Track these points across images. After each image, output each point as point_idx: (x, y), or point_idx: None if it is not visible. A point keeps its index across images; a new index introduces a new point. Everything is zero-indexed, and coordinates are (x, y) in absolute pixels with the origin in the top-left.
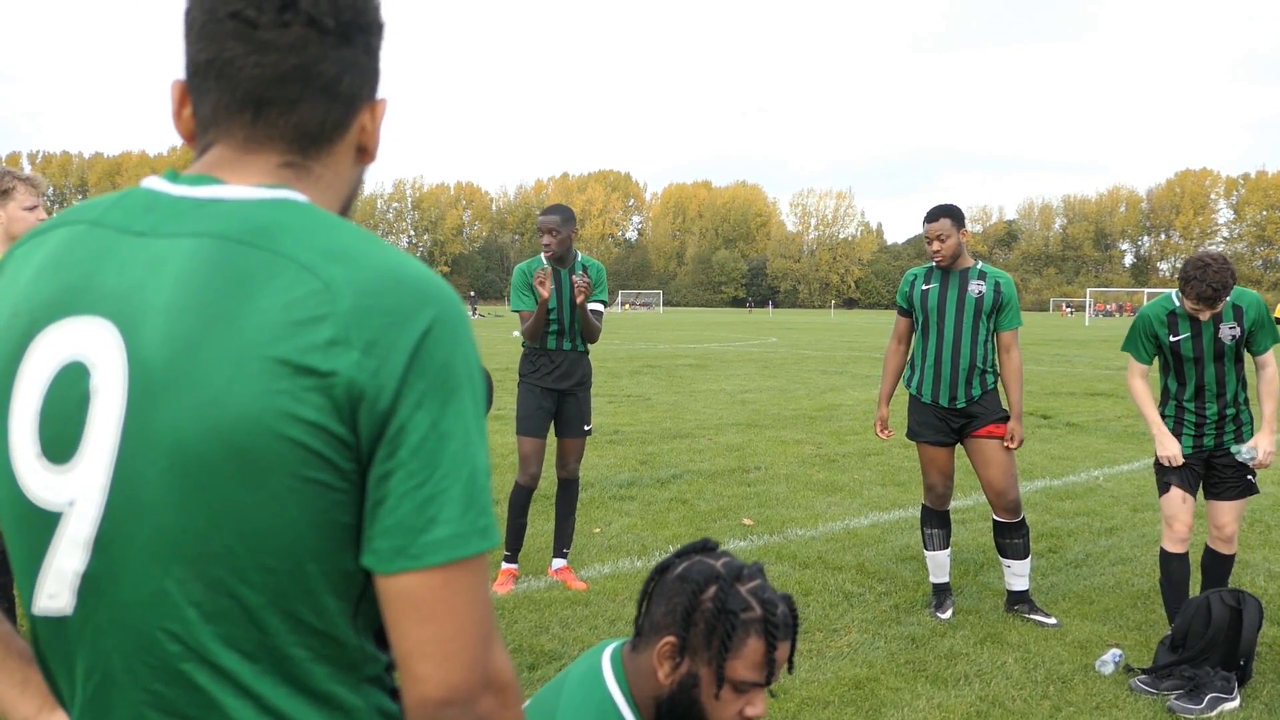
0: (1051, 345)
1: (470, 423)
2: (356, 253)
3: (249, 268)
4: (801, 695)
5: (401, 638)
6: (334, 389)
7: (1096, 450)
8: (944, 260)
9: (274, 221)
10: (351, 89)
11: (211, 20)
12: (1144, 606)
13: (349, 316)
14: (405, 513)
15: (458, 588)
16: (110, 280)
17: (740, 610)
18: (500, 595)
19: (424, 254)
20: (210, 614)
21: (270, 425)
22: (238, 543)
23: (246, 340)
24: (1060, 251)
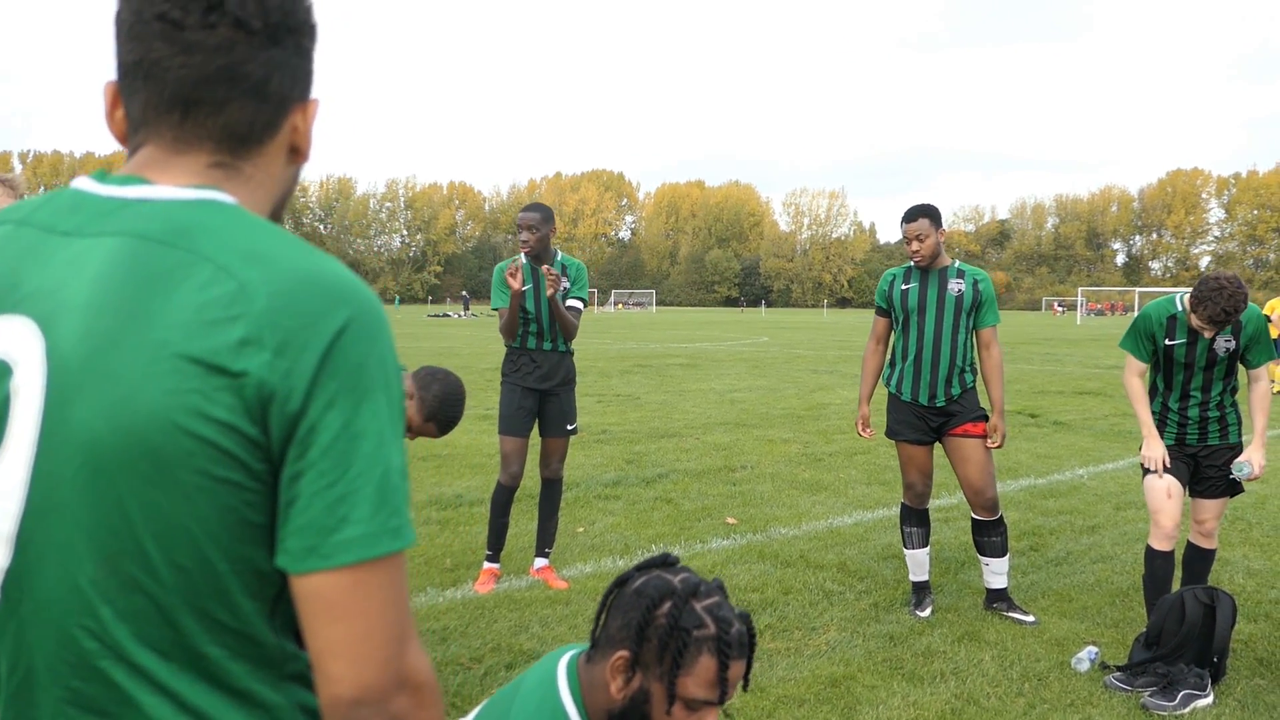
0: (1042, 344)
1: (384, 423)
2: (274, 255)
3: (166, 267)
4: (778, 693)
5: (314, 637)
6: (245, 389)
7: (1082, 449)
8: (923, 260)
9: (195, 222)
10: (281, 90)
11: (138, 22)
12: (1123, 604)
13: (262, 317)
14: (316, 512)
15: (370, 587)
16: (34, 279)
17: (694, 627)
18: (481, 594)
19: (417, 253)
20: (124, 612)
21: (181, 423)
22: (150, 541)
23: (160, 339)
24: (1053, 251)
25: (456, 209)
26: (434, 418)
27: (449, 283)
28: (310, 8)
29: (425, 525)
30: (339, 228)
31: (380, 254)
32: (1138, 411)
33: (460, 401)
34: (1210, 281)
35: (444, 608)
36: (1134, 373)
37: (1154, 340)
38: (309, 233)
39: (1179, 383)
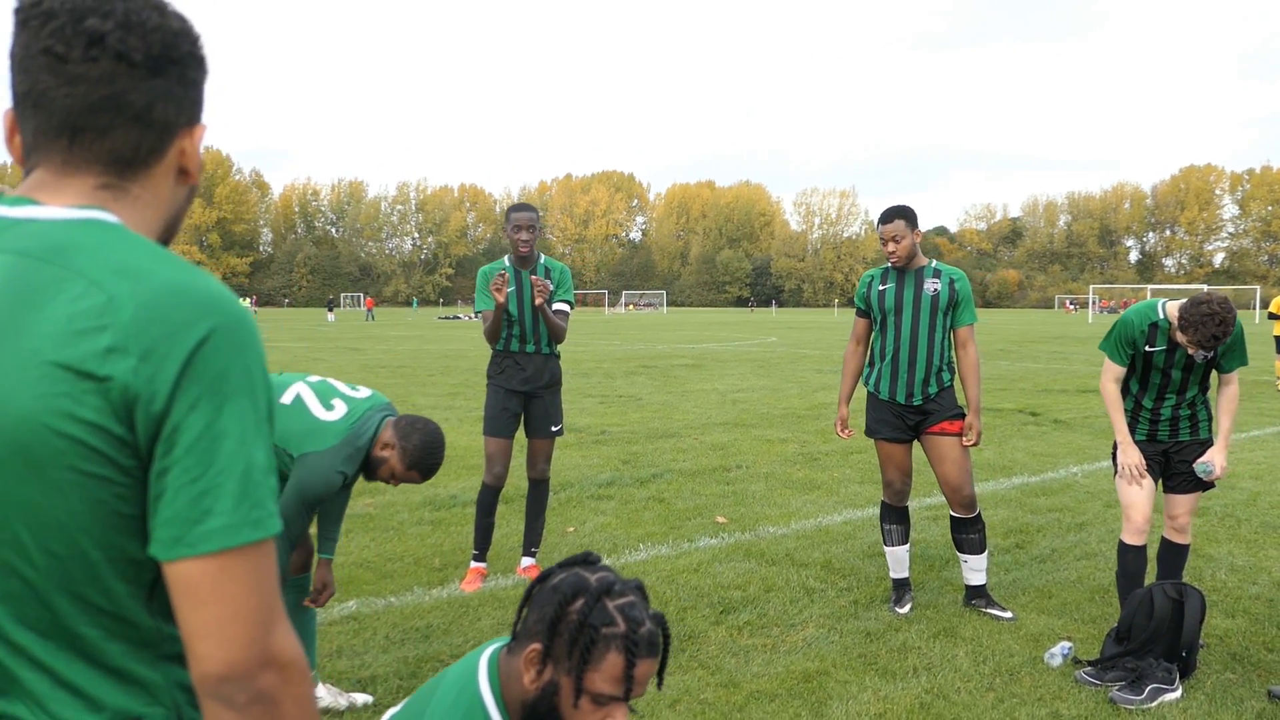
0: (1050, 343)
1: (248, 424)
2: (145, 270)
3: (42, 282)
4: (750, 688)
5: (184, 619)
6: (111, 392)
7: (1079, 447)
8: (899, 260)
9: (73, 241)
10: (164, 116)
11: (27, 55)
12: (1103, 600)
13: (129, 327)
14: (181, 505)
15: (234, 573)
16: None
17: (603, 625)
18: (467, 593)
19: (428, 256)
20: (2, 595)
21: (51, 424)
22: (23, 530)
23: (32, 347)
24: (1065, 248)
25: (467, 211)
26: (416, 466)
27: (460, 285)
28: (196, 41)
29: (418, 526)
30: (350, 231)
31: (392, 256)
32: (1114, 419)
33: (439, 449)
34: (1201, 306)
35: (429, 606)
36: (1111, 377)
37: (1134, 345)
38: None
39: (1155, 385)
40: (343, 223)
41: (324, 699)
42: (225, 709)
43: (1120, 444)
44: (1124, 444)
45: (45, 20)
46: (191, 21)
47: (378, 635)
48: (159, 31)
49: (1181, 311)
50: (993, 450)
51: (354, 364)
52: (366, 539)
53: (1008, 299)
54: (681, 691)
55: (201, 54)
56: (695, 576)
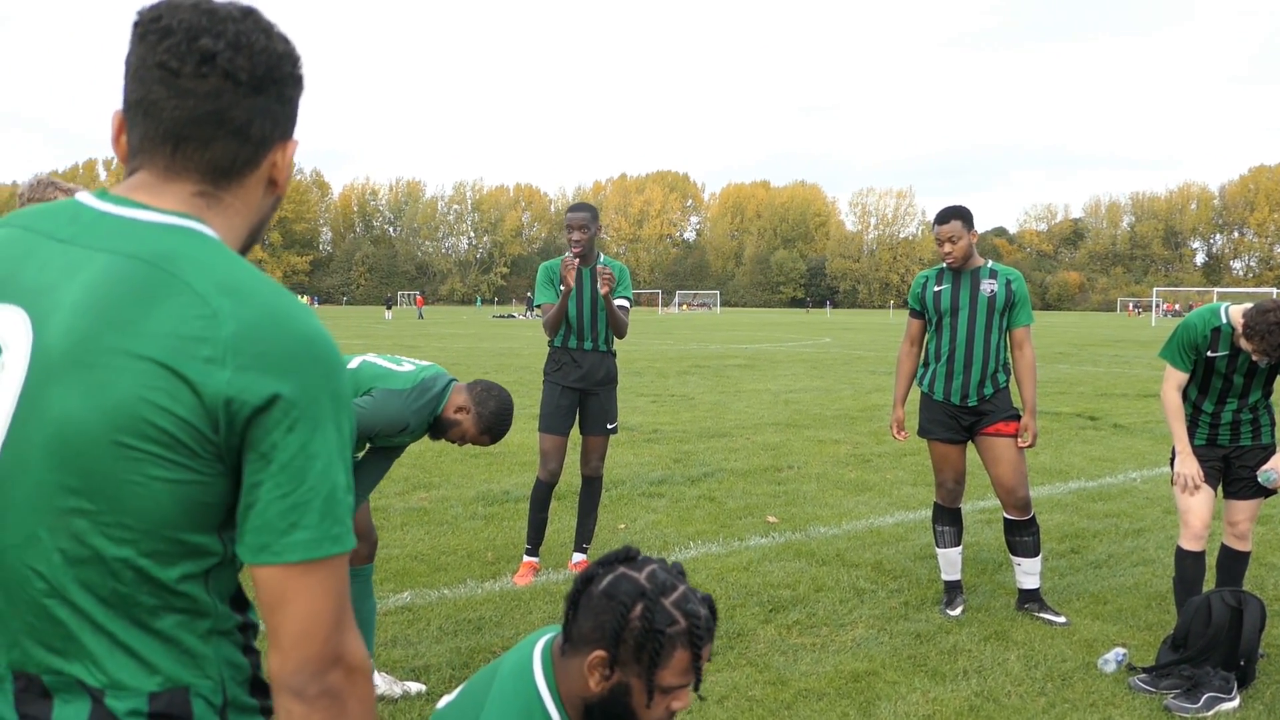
0: (1112, 346)
1: (333, 448)
2: (246, 290)
3: (151, 285)
4: (798, 686)
5: (268, 616)
6: (204, 397)
7: (1139, 452)
8: (955, 262)
9: (177, 249)
10: (262, 132)
11: (143, 66)
12: (1159, 607)
13: (228, 343)
14: (272, 516)
15: (312, 581)
16: (31, 277)
17: (667, 626)
18: (519, 587)
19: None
20: (73, 560)
21: (147, 414)
22: (105, 505)
23: (138, 344)
24: (1128, 250)
25: (523, 211)
26: (489, 430)
27: (515, 284)
28: (297, 62)
29: (471, 520)
30: (408, 230)
31: (448, 256)
32: (1174, 427)
33: (510, 415)
34: (1268, 315)
35: (482, 599)
36: (1174, 385)
37: (1196, 350)
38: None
39: (1216, 389)
40: (400, 222)
41: (379, 686)
42: (296, 701)
43: (1179, 453)
44: (1183, 454)
45: (163, 36)
46: (294, 44)
47: (431, 626)
48: (264, 54)
49: (1247, 319)
50: (1049, 454)
51: None
52: (421, 532)
53: (1068, 301)
54: (729, 688)
55: (300, 74)
56: (745, 575)
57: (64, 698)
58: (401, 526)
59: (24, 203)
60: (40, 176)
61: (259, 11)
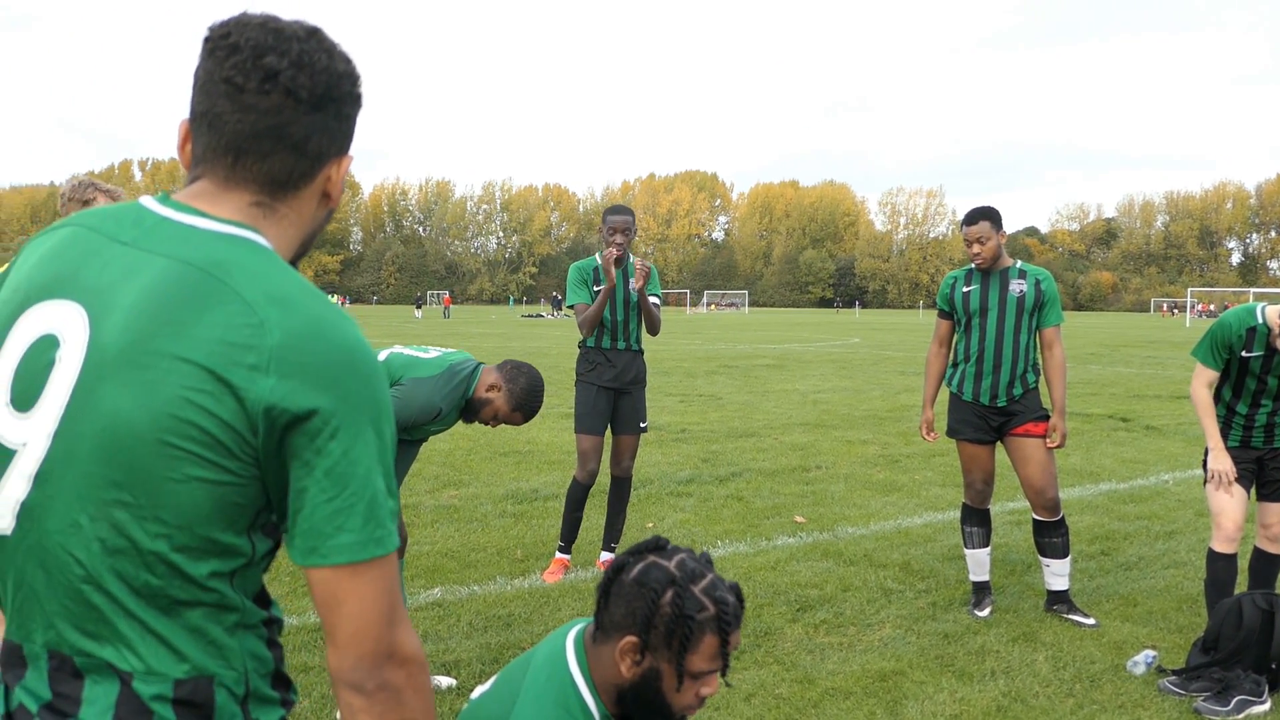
0: (1145, 347)
1: (374, 454)
2: (295, 301)
3: (202, 292)
4: (825, 685)
5: (323, 615)
6: (247, 403)
7: (1171, 454)
8: (984, 262)
9: (231, 257)
10: (318, 148)
11: (210, 80)
12: (1190, 610)
13: (274, 352)
14: (318, 520)
15: (361, 581)
16: (92, 276)
17: (696, 612)
18: (549, 584)
19: (512, 254)
20: (110, 549)
21: (189, 416)
22: (143, 497)
23: (187, 348)
24: (1162, 250)
25: (551, 211)
26: (521, 408)
27: (544, 283)
28: (357, 81)
29: (501, 518)
30: (437, 230)
31: (477, 255)
32: (1205, 425)
33: (541, 392)
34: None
35: (511, 595)
36: (1204, 383)
37: (1230, 350)
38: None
39: (1250, 391)
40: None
41: None
42: (356, 695)
43: (1211, 450)
44: (1215, 450)
45: (230, 53)
46: (354, 64)
47: (461, 622)
48: (325, 73)
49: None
50: (1080, 456)
51: None
52: (451, 530)
53: (1101, 302)
54: (756, 686)
55: (359, 93)
56: (772, 574)
57: (94, 679)
58: (432, 524)
59: (65, 202)
60: (80, 177)
61: (323, 32)
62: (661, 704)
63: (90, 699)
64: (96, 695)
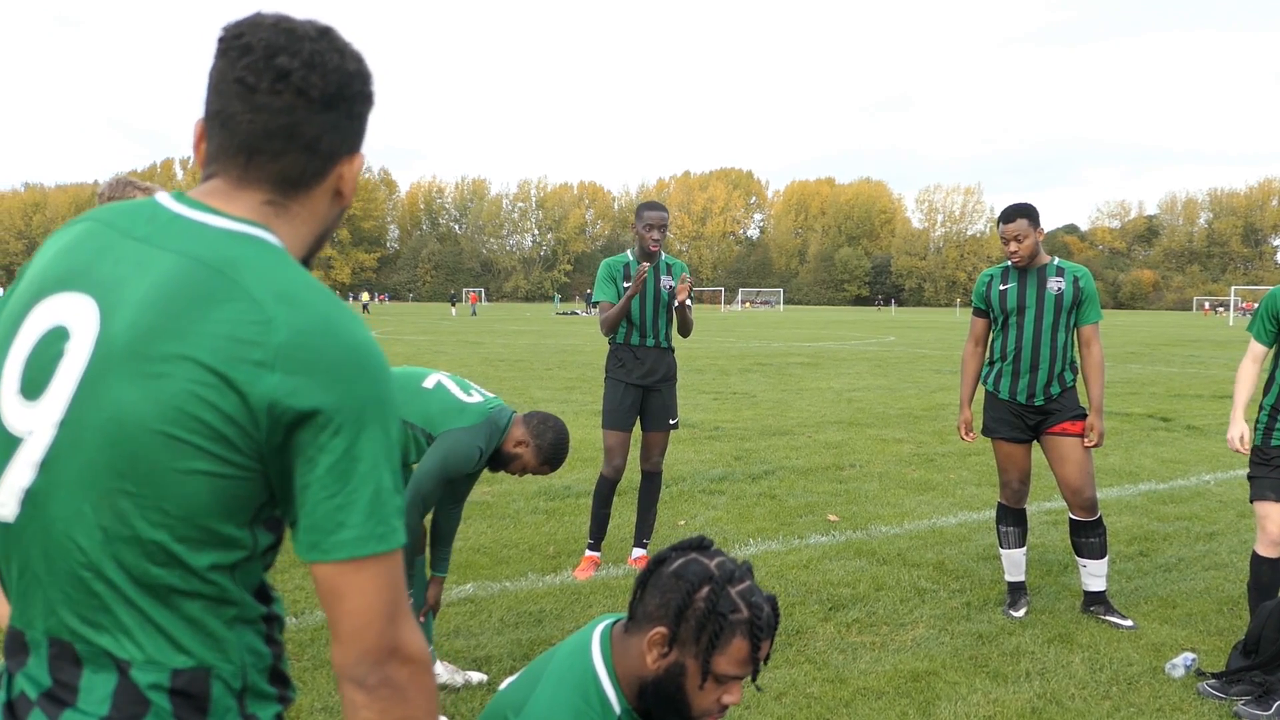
0: (1187, 346)
1: (379, 450)
2: (303, 299)
3: (210, 289)
4: (857, 685)
5: (326, 610)
6: (250, 397)
7: (1212, 454)
8: (1021, 261)
9: (241, 255)
10: (330, 147)
11: (223, 80)
12: (1231, 613)
13: (280, 349)
14: (320, 516)
15: (363, 577)
16: (105, 270)
17: (729, 612)
18: (580, 580)
19: (547, 252)
20: (113, 538)
21: (193, 410)
22: (146, 488)
23: (194, 344)
24: (1205, 248)
25: (586, 208)
26: (549, 461)
27: (578, 281)
28: (368, 80)
29: (533, 514)
30: (473, 227)
31: (512, 253)
32: (1235, 395)
33: (567, 445)
34: None
35: (542, 592)
36: (1251, 357)
37: (1276, 321)
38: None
39: None
40: (466, 220)
41: (441, 676)
42: (357, 690)
43: (1232, 419)
44: (1233, 418)
45: (243, 53)
46: (366, 63)
47: (493, 618)
48: (337, 72)
49: None
50: (1119, 456)
51: (475, 358)
52: (484, 526)
53: (1142, 300)
54: (787, 685)
55: (370, 92)
56: (804, 573)
57: (93, 667)
58: (465, 520)
59: (103, 200)
60: (119, 176)
61: (335, 31)
62: (682, 702)
63: (88, 687)
64: (95, 684)
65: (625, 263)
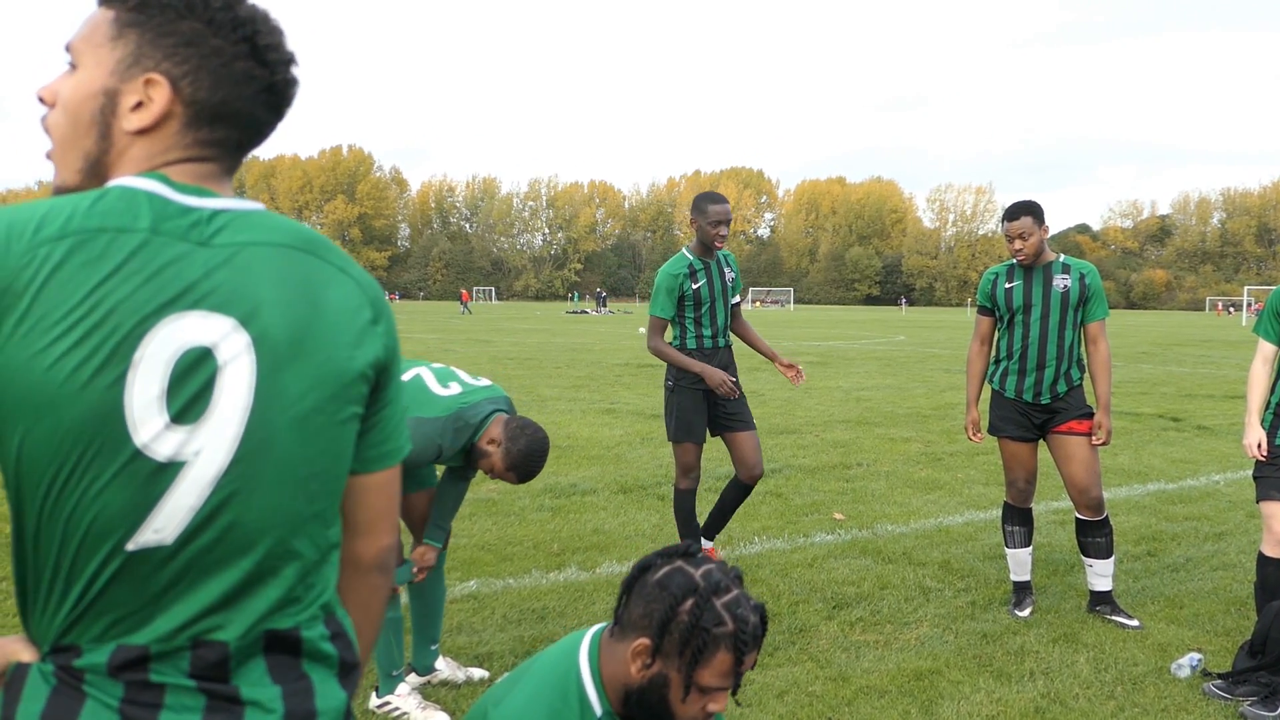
0: (1199, 346)
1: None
2: (351, 260)
3: (314, 270)
4: (860, 683)
5: (368, 511)
6: (376, 351)
7: (1223, 454)
8: (1026, 258)
9: (309, 234)
10: None
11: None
12: (1238, 613)
13: (374, 305)
14: (389, 429)
15: (398, 476)
16: (201, 282)
17: (714, 626)
18: (581, 579)
19: (558, 251)
20: (307, 517)
21: (351, 380)
22: (328, 463)
23: (333, 322)
24: (1218, 247)
25: (597, 207)
26: (515, 469)
27: (589, 280)
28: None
29: (538, 512)
30: (483, 226)
31: (523, 252)
32: (1249, 399)
33: (541, 457)
34: None
35: (546, 589)
36: (1261, 358)
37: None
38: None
39: None
40: (476, 218)
41: (443, 672)
42: (383, 576)
43: (1247, 424)
44: (1248, 424)
45: None
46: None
47: (496, 614)
48: None
49: None
50: (1128, 455)
51: (484, 355)
52: (488, 523)
53: (1154, 300)
54: (790, 683)
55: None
56: (809, 571)
57: (245, 654)
58: (470, 516)
59: None
60: None
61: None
62: (665, 712)
63: (243, 673)
64: (249, 668)
65: (688, 264)
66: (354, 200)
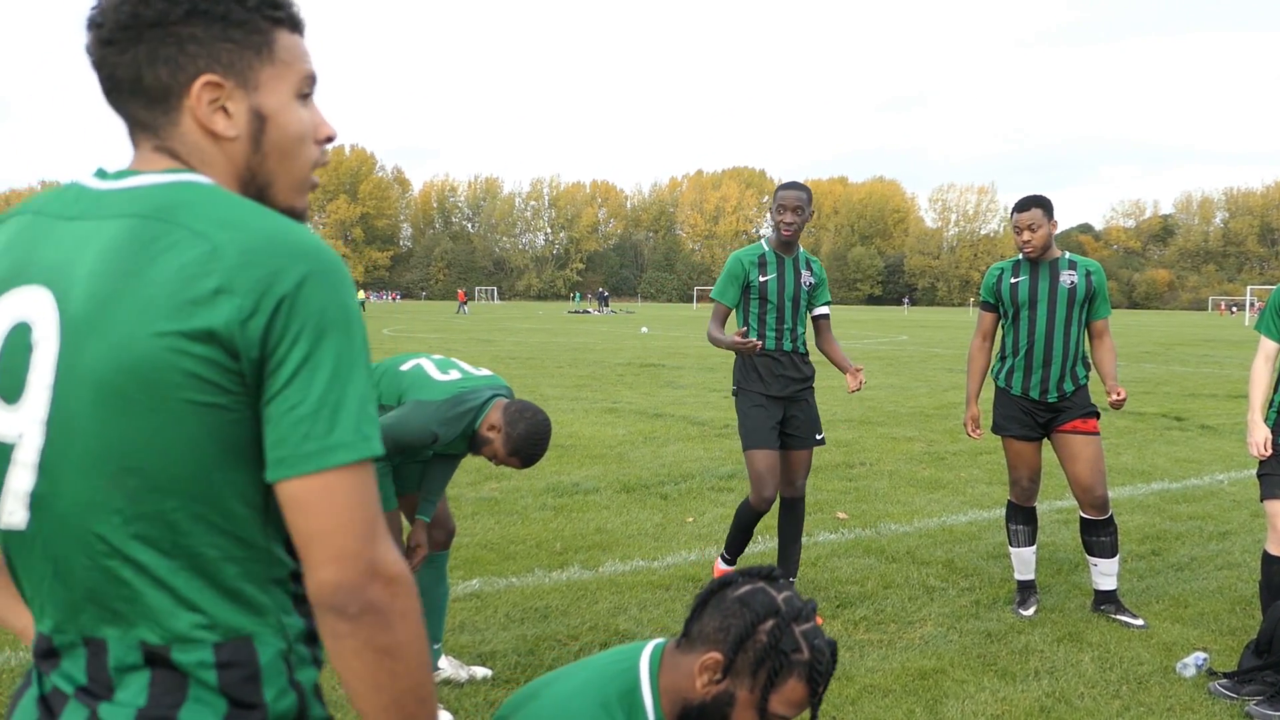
0: (1202, 346)
1: (343, 357)
2: (245, 222)
3: (154, 236)
4: (864, 682)
5: (296, 535)
6: (217, 328)
7: (1227, 453)
8: (1034, 251)
9: (178, 199)
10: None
11: None
12: (1244, 612)
13: (232, 271)
14: (284, 430)
15: (333, 490)
16: (47, 256)
17: (791, 651)
18: (584, 577)
19: (560, 251)
20: (130, 518)
21: (169, 360)
22: (150, 457)
23: (150, 293)
24: (1221, 247)
25: (599, 207)
26: (517, 453)
27: (591, 280)
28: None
29: (540, 511)
30: (486, 226)
31: (525, 251)
32: (1251, 397)
33: (543, 440)
34: None
35: (549, 588)
36: (1263, 356)
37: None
38: (458, 231)
39: None
40: (478, 218)
41: (445, 671)
42: (340, 620)
43: (1249, 422)
44: (1252, 423)
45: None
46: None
47: (498, 613)
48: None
49: None
50: (1131, 455)
51: (485, 355)
52: (491, 522)
53: (1157, 300)
54: None
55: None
56: (812, 570)
57: (130, 660)
58: (472, 515)
59: None
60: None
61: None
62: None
63: (125, 681)
64: (132, 677)
65: (760, 254)
66: (356, 200)
